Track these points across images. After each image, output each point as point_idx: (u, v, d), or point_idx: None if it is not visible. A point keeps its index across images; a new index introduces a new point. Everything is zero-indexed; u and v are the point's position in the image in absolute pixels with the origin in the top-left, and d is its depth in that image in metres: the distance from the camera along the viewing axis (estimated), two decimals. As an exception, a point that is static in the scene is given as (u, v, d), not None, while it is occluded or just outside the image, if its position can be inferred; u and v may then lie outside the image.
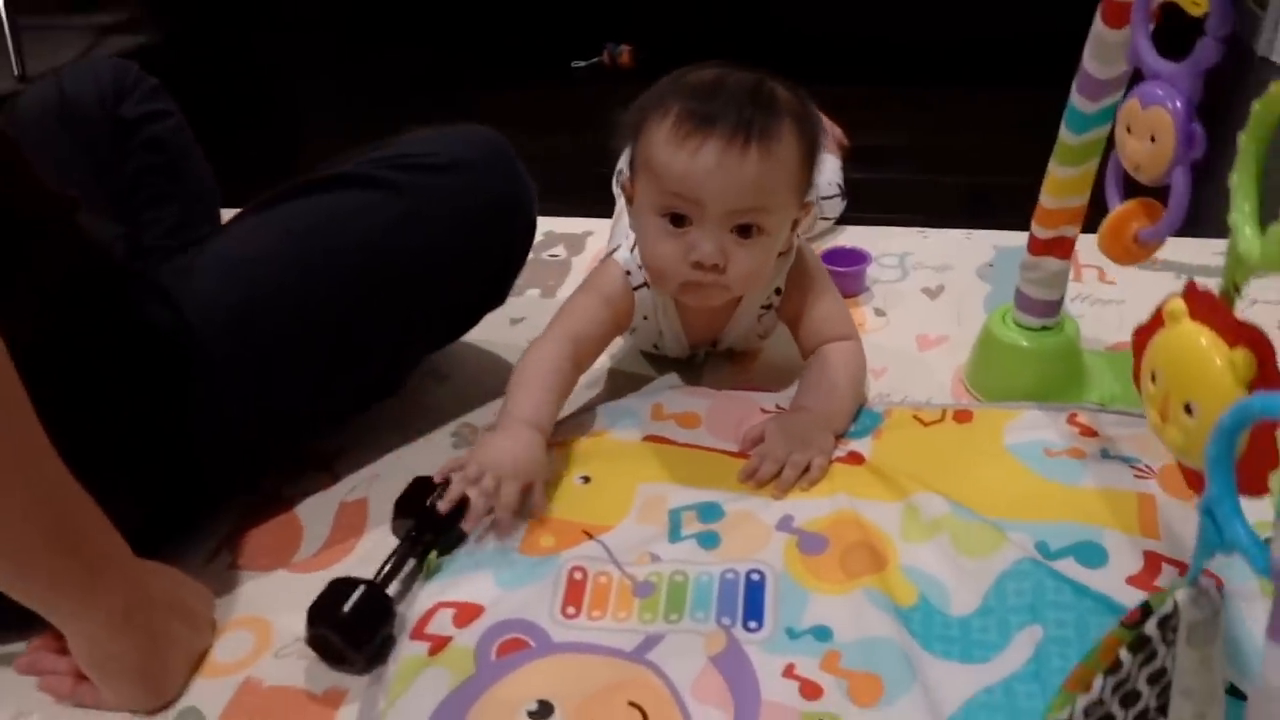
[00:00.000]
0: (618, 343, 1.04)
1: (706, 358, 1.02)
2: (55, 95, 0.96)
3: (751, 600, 0.71)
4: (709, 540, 0.77)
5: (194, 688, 0.69)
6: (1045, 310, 0.90)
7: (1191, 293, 0.44)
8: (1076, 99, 0.77)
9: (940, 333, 1.07)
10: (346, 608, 0.68)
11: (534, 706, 0.64)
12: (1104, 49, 0.72)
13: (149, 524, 0.71)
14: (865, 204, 1.33)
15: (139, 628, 0.63)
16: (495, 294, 0.96)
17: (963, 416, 0.89)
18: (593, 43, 2.00)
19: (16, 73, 2.07)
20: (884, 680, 0.64)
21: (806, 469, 0.82)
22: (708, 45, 1.98)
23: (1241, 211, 0.43)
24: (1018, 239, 0.89)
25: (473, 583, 0.73)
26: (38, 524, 0.55)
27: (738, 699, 0.64)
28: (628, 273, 0.92)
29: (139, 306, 0.75)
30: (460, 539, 0.77)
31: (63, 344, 0.67)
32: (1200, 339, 0.43)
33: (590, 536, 0.77)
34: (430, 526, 0.75)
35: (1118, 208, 0.65)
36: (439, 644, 0.68)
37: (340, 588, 0.69)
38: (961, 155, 1.57)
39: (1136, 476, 0.80)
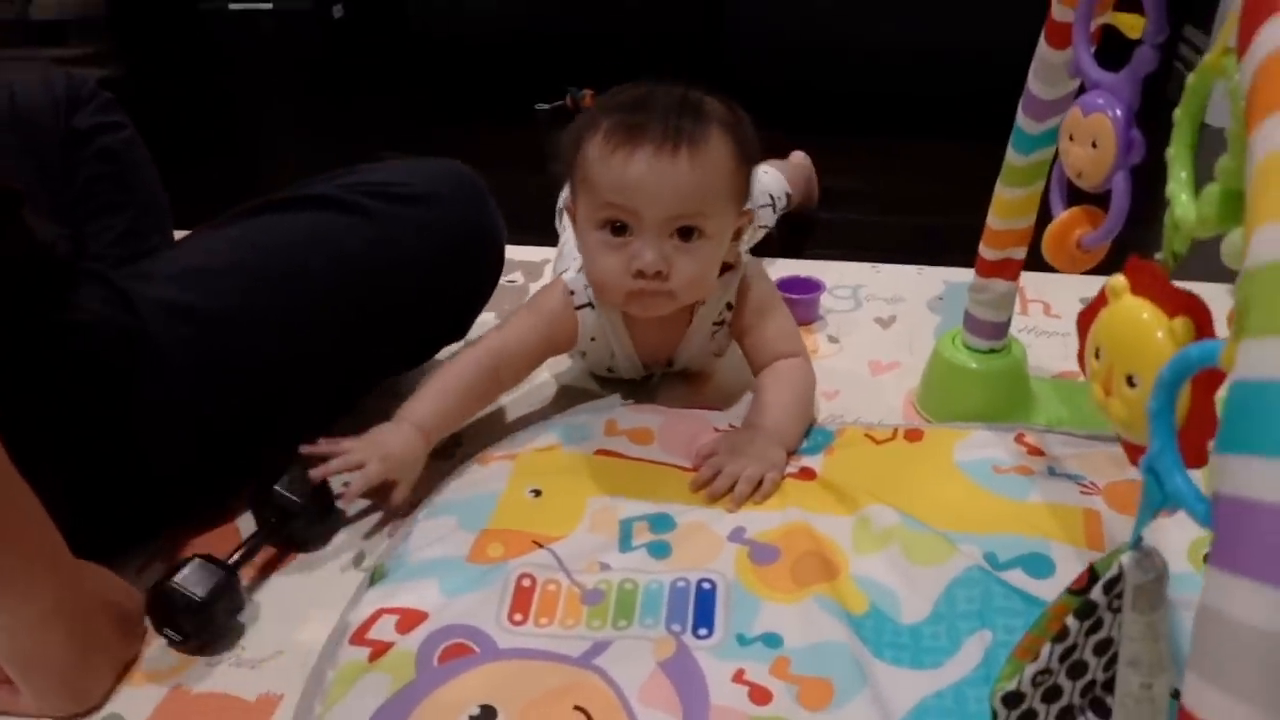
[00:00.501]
0: (571, 366, 1.04)
1: (661, 379, 1.02)
2: (5, 100, 0.95)
3: (702, 608, 0.70)
4: (660, 550, 0.76)
5: (119, 695, 0.66)
6: (993, 332, 0.91)
7: (1132, 267, 0.45)
8: (1022, 120, 0.79)
9: (892, 359, 1.08)
10: (177, 578, 0.68)
11: (476, 711, 0.61)
12: (1048, 70, 0.75)
13: (86, 526, 0.69)
14: (818, 241, 1.35)
15: (67, 627, 0.61)
16: (459, 327, 0.97)
17: (914, 435, 0.89)
18: (556, 86, 2.03)
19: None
20: (834, 684, 0.63)
21: (759, 484, 0.82)
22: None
23: (1178, 180, 0.45)
24: (967, 275, 0.91)
25: (417, 590, 0.71)
26: None
27: (686, 703, 0.62)
28: (571, 292, 0.92)
29: (86, 304, 0.73)
30: (307, 521, 0.78)
31: (2, 335, 0.65)
32: (1141, 312, 0.43)
33: (540, 546, 0.76)
34: (273, 509, 0.77)
35: (1061, 215, 0.66)
36: (380, 649, 0.66)
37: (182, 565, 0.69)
38: (911, 199, 1.60)
39: (1082, 493, 0.80)
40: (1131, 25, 0.63)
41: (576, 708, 0.62)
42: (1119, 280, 0.45)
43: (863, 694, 0.62)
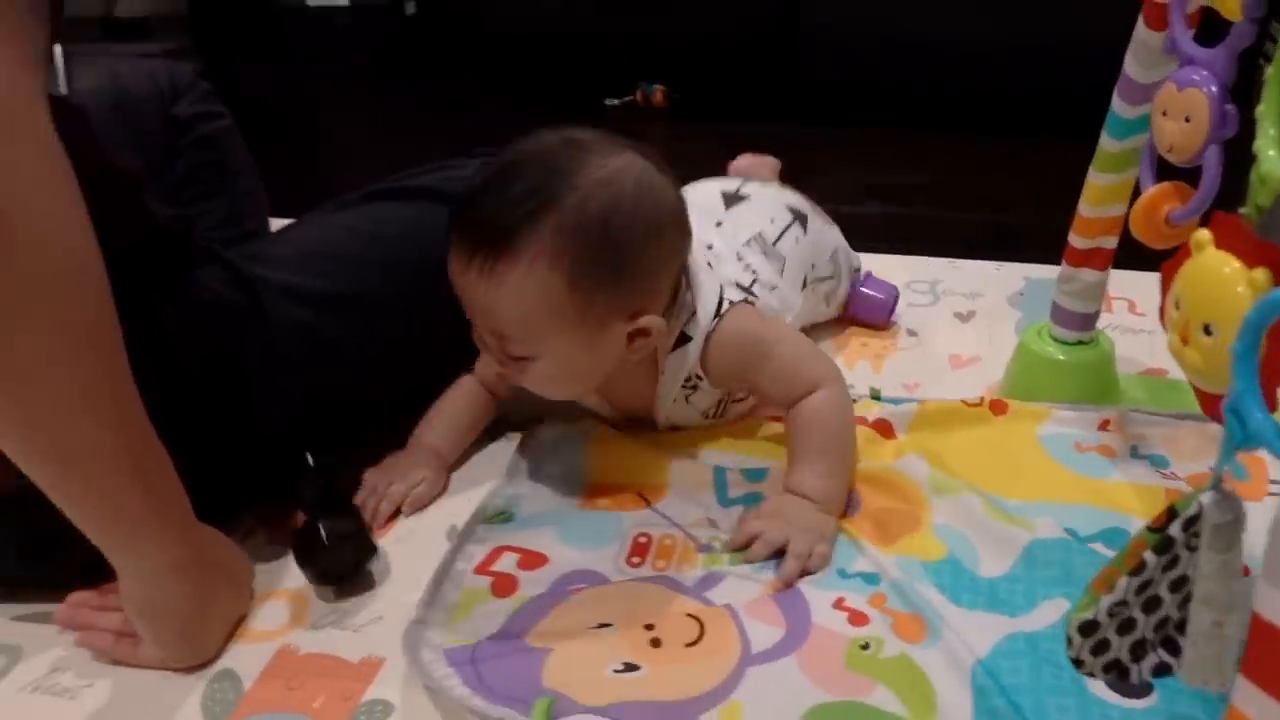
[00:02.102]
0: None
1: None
2: (110, 88, 0.99)
3: None
4: (756, 501, 0.80)
5: (230, 651, 0.69)
6: (1081, 323, 0.91)
7: (1217, 221, 0.46)
8: (1117, 104, 0.79)
9: (972, 353, 1.07)
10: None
11: (595, 626, 0.66)
12: (1145, 52, 0.74)
13: (195, 493, 0.72)
14: (891, 238, 1.35)
15: (191, 580, 0.63)
16: None
17: (999, 407, 0.90)
18: (627, 82, 2.05)
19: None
20: (927, 625, 0.66)
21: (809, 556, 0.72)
22: (738, 89, 2.04)
23: (1266, 136, 0.46)
24: (1048, 271, 0.90)
25: (537, 535, 0.76)
26: (124, 454, 0.56)
27: (789, 620, 0.66)
28: None
29: (207, 284, 0.76)
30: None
31: (126, 315, 0.68)
32: (1223, 265, 0.45)
33: (646, 503, 0.80)
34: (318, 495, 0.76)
35: (1150, 190, 0.66)
36: (504, 582, 0.71)
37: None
38: (986, 195, 1.59)
39: (1164, 477, 0.81)
40: (1230, 8, 0.63)
41: (690, 615, 0.66)
42: (1203, 233, 0.46)
43: (944, 637, 0.64)
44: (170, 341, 0.71)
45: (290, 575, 0.76)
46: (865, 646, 0.64)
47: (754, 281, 0.90)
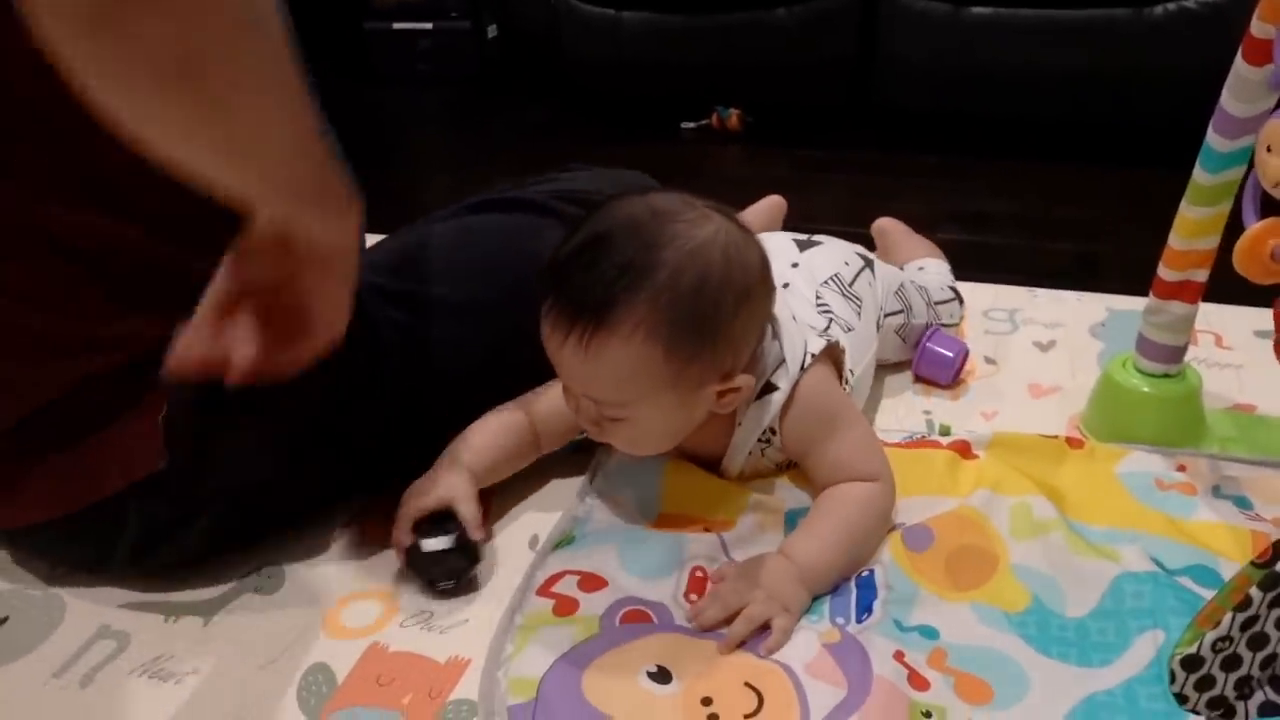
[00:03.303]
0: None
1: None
2: None
3: (863, 596, 0.73)
4: None
5: (323, 647, 0.72)
6: (1169, 356, 0.90)
7: None
8: (1213, 138, 0.78)
9: (1053, 382, 1.07)
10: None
11: (653, 669, 0.66)
12: (1244, 87, 0.74)
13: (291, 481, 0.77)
14: (969, 265, 1.34)
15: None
16: None
17: (1075, 443, 0.89)
18: (703, 105, 2.07)
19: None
20: (993, 686, 0.64)
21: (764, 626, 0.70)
22: (813, 113, 2.04)
23: None
24: (1131, 302, 0.88)
25: (598, 556, 0.77)
26: (304, 116, 0.54)
27: (850, 675, 0.65)
28: None
29: None
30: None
31: None
32: None
33: (709, 530, 0.80)
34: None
35: (1254, 225, 0.66)
36: (565, 604, 0.72)
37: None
38: (1065, 224, 1.57)
39: (1248, 519, 0.79)
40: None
41: (748, 684, 0.65)
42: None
43: (1025, 699, 0.63)
44: None
45: (379, 575, 0.79)
46: (928, 715, 0.62)
47: (830, 324, 0.89)
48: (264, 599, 0.77)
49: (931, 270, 1.20)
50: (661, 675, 0.65)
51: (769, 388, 0.80)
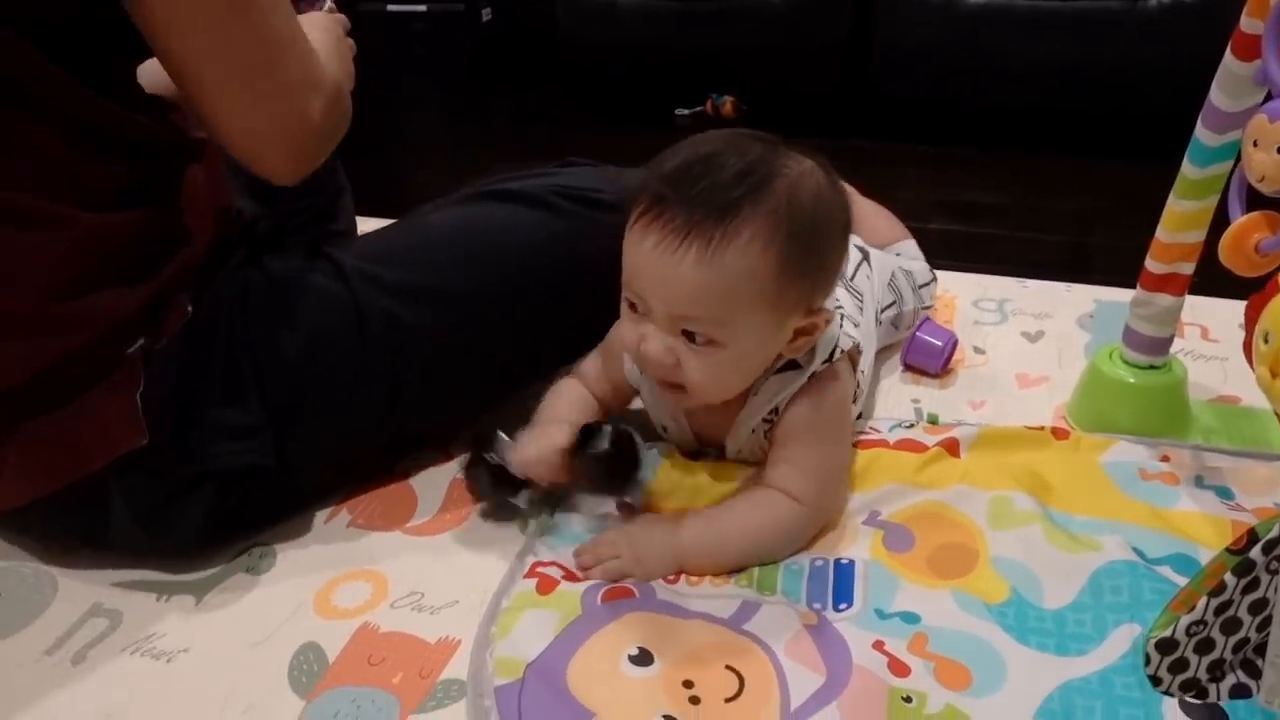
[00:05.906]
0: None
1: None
2: None
3: (840, 583, 0.74)
4: None
5: (313, 627, 0.72)
6: (1154, 348, 0.91)
7: None
8: (1201, 132, 0.79)
9: (1040, 372, 1.07)
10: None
11: (635, 652, 0.67)
12: (1233, 82, 0.74)
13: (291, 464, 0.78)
14: (959, 255, 1.35)
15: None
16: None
17: (1061, 434, 0.90)
18: (698, 92, 2.07)
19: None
20: (972, 671, 0.65)
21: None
22: (808, 101, 2.04)
23: None
24: (1118, 294, 0.89)
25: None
26: None
27: (829, 663, 0.66)
28: None
29: (310, 275, 0.80)
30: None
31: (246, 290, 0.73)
32: None
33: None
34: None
35: (1240, 219, 0.66)
36: (548, 584, 0.73)
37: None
38: (1056, 215, 1.58)
39: (1230, 509, 0.80)
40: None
41: (729, 667, 0.66)
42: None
43: (1003, 686, 0.64)
44: (276, 323, 0.75)
45: (371, 556, 0.79)
46: (908, 699, 0.63)
47: (842, 319, 0.86)
48: (256, 579, 0.78)
49: (908, 253, 1.20)
50: (643, 657, 0.66)
51: (793, 364, 0.79)
